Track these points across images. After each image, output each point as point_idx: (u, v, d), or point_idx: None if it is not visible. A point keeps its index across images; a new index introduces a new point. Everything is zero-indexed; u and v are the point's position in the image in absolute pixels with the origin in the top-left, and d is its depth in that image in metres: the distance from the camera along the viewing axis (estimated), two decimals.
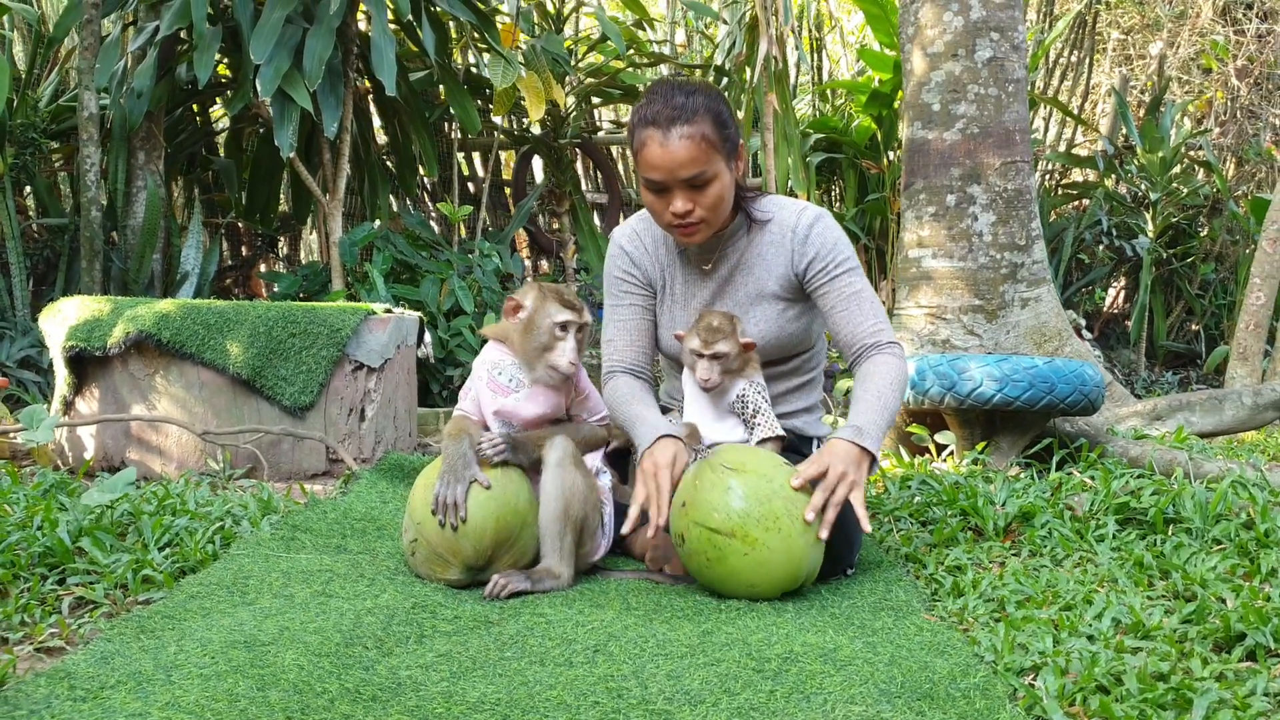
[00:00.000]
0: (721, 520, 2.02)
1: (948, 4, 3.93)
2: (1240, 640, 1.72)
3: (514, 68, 5.35)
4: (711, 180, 2.29)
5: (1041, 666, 1.65)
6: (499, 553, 2.12)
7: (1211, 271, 7.72)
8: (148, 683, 1.50)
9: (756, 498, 2.03)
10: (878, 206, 7.09)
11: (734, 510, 2.02)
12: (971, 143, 3.89)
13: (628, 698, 1.53)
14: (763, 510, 2.02)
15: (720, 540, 2.02)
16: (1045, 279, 3.96)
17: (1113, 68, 9.55)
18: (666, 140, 2.24)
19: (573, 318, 2.19)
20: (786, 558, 2.03)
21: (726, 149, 2.30)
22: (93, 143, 4.79)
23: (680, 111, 2.25)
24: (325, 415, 3.43)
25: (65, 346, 3.37)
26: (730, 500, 2.03)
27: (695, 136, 2.24)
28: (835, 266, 2.39)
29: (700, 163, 2.26)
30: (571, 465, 2.18)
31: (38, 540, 2.19)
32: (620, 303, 2.56)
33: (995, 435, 3.35)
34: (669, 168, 2.26)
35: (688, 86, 2.31)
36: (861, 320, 2.37)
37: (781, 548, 2.02)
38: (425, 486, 2.16)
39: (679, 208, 2.29)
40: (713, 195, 2.30)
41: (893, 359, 2.34)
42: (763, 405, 2.34)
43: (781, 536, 2.02)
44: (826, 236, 2.41)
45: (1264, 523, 2.35)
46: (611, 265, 2.58)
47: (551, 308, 2.19)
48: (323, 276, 5.33)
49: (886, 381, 2.29)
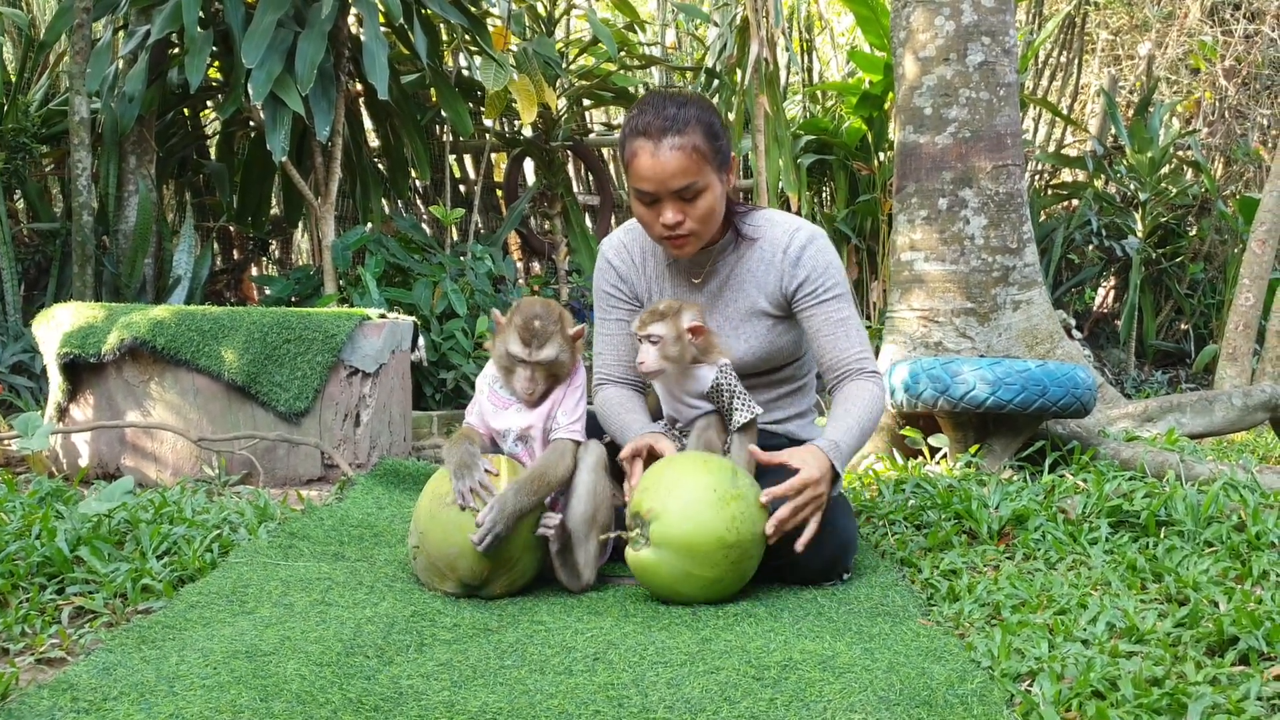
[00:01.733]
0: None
1: (939, 8, 3.94)
2: (1233, 644, 1.74)
3: (505, 70, 5.35)
4: (702, 191, 2.29)
5: (1038, 672, 1.66)
6: (495, 575, 2.11)
7: (1200, 271, 7.76)
8: (150, 694, 1.51)
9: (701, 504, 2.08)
10: (868, 208, 7.11)
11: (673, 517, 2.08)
12: (963, 146, 3.91)
13: (628, 706, 1.54)
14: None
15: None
16: (1037, 281, 3.98)
17: (1101, 68, 9.59)
18: (657, 151, 2.25)
19: (522, 354, 2.17)
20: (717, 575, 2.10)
21: (717, 160, 2.31)
22: (84, 147, 4.78)
23: (671, 122, 2.25)
24: (320, 421, 3.43)
25: (60, 353, 3.37)
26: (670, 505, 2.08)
27: (686, 147, 2.25)
28: (825, 291, 2.40)
29: (691, 174, 2.26)
30: (603, 471, 2.22)
31: (36, 549, 2.20)
32: (608, 316, 2.58)
33: (988, 438, 3.37)
34: (660, 178, 2.26)
35: (679, 98, 2.32)
36: (847, 346, 2.39)
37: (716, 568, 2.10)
38: (433, 496, 2.15)
39: (669, 219, 2.30)
40: (703, 207, 2.30)
41: (875, 388, 2.38)
42: (737, 388, 2.35)
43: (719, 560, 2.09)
44: (819, 260, 2.41)
45: (1255, 525, 2.37)
46: (599, 279, 2.59)
47: (510, 337, 2.19)
48: (315, 280, 5.33)
49: (867, 409, 2.33)
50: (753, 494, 2.12)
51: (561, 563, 2.18)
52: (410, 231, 5.77)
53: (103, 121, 5.10)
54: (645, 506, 2.10)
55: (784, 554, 2.16)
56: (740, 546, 2.07)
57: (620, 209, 7.83)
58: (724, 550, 2.06)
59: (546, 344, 2.18)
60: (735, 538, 2.06)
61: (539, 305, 2.22)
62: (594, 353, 2.61)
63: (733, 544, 2.06)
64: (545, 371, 2.20)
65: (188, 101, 5.72)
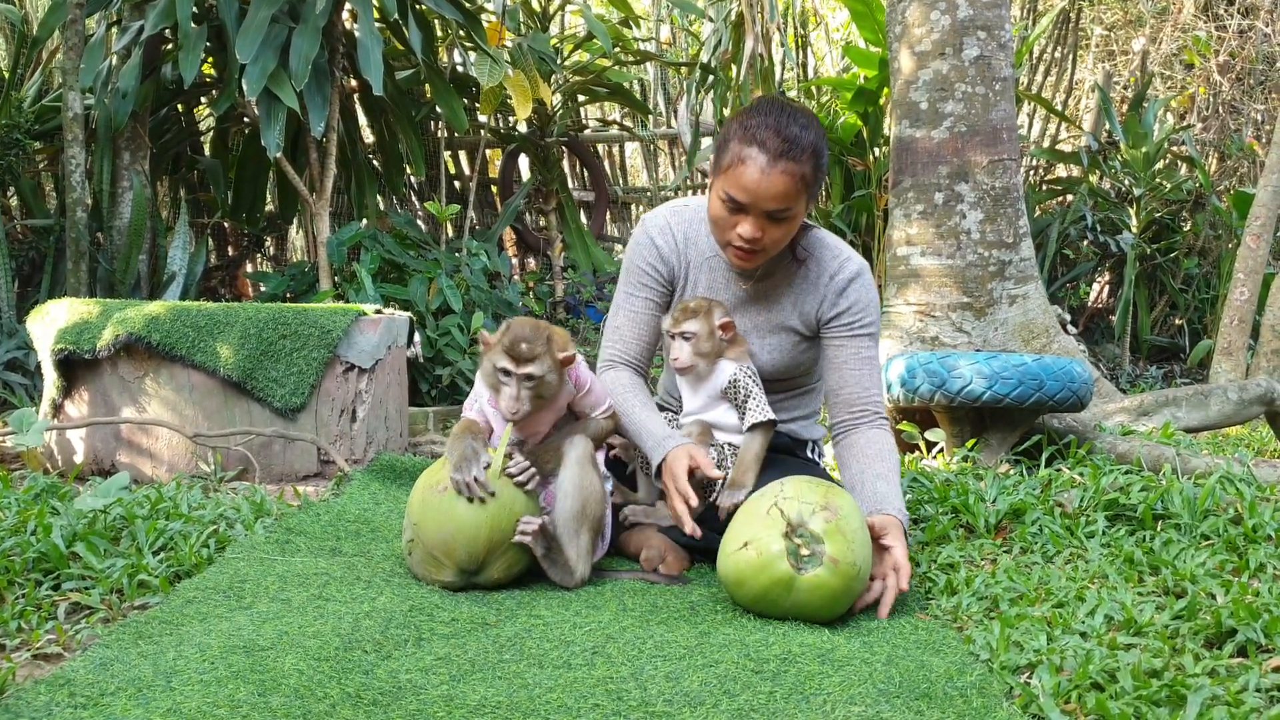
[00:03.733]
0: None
1: (935, 3, 3.94)
2: (1231, 636, 1.74)
3: (500, 66, 5.34)
4: (791, 218, 2.28)
5: (1036, 664, 1.66)
6: (492, 558, 2.12)
7: (1194, 266, 7.77)
8: (148, 689, 1.50)
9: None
10: (864, 203, 7.11)
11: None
12: (959, 141, 3.91)
13: (627, 699, 1.54)
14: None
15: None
16: (1033, 276, 3.98)
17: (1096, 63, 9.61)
18: (769, 169, 2.20)
19: (510, 367, 2.15)
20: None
21: (812, 191, 2.29)
22: (78, 143, 4.76)
23: (791, 145, 2.21)
24: (316, 417, 3.42)
25: (54, 349, 3.36)
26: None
27: (795, 175, 2.22)
28: (861, 327, 2.44)
29: (790, 200, 2.24)
30: (590, 464, 2.21)
31: (32, 545, 2.19)
32: (636, 293, 2.54)
33: (984, 432, 3.37)
34: (760, 196, 2.22)
35: (802, 118, 2.26)
36: (870, 386, 2.43)
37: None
38: (425, 487, 2.15)
39: (748, 233, 2.27)
40: (784, 230, 2.30)
41: (890, 436, 2.43)
42: (754, 389, 2.37)
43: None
44: (864, 296, 2.44)
45: (1251, 518, 2.37)
46: (636, 254, 2.54)
47: (496, 353, 2.17)
48: (310, 276, 5.32)
49: (896, 464, 2.37)
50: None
51: (550, 564, 2.17)
52: (405, 227, 5.76)
53: (96, 117, 5.08)
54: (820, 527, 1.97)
55: None
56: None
57: (615, 205, 7.83)
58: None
59: (533, 361, 2.16)
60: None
61: (528, 325, 2.21)
62: (611, 325, 2.57)
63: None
64: (532, 391, 2.18)
65: (182, 97, 5.71)
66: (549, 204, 7.14)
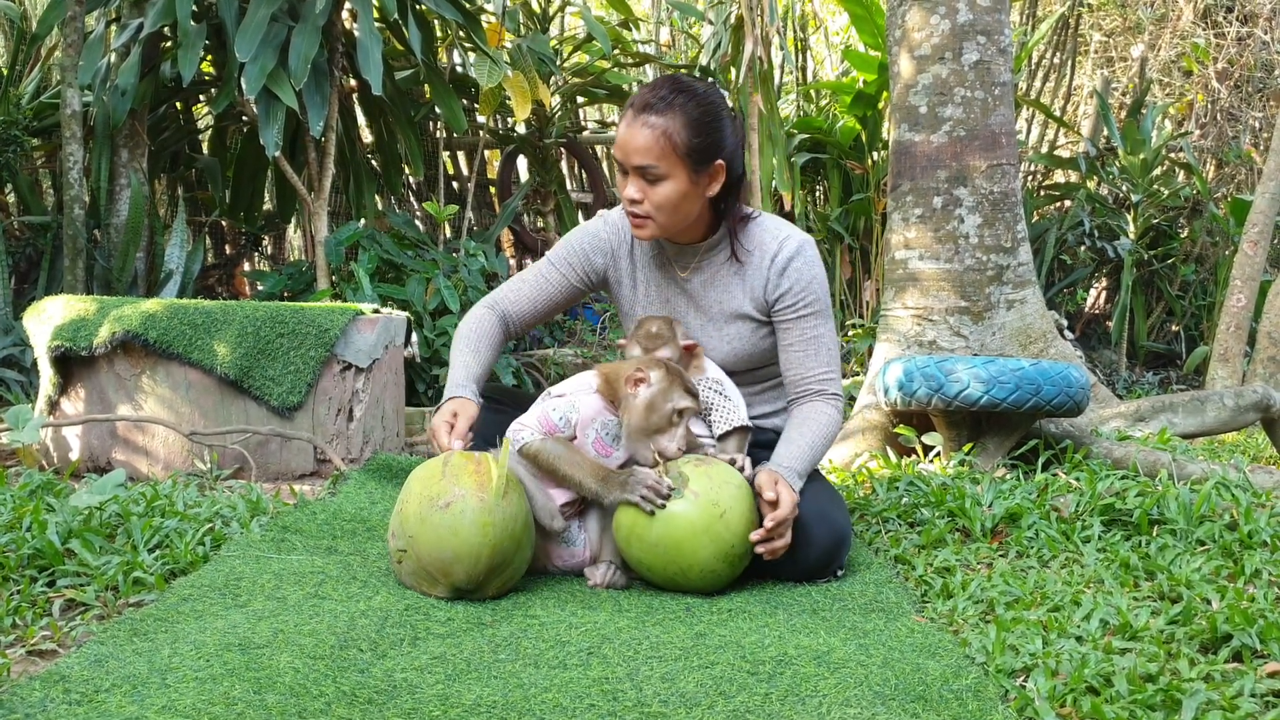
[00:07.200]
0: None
1: (935, 7, 3.94)
2: (1226, 641, 1.74)
3: (500, 67, 5.34)
4: (663, 179, 2.27)
5: (1032, 668, 1.66)
6: (490, 578, 2.05)
7: (1191, 272, 7.79)
8: (143, 686, 1.50)
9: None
10: (862, 206, 7.12)
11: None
12: (958, 145, 3.91)
13: (623, 700, 1.54)
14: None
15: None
16: (1031, 280, 3.98)
17: (1095, 70, 9.62)
18: (633, 123, 2.26)
19: (691, 405, 2.19)
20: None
21: (693, 157, 2.27)
22: (76, 140, 4.76)
23: (658, 102, 2.25)
24: (313, 415, 3.42)
25: (50, 346, 3.35)
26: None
27: (658, 129, 2.24)
28: (804, 306, 2.40)
29: (651, 155, 2.25)
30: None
31: (27, 542, 2.18)
32: (557, 265, 2.54)
33: (981, 437, 3.37)
34: (624, 149, 2.28)
35: (683, 84, 2.29)
36: (814, 365, 2.41)
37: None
38: (424, 499, 2.05)
39: (630, 193, 2.30)
40: (662, 195, 2.29)
41: (834, 411, 2.40)
42: (717, 401, 2.36)
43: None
44: (803, 274, 2.41)
45: (1247, 524, 2.38)
46: (577, 234, 2.57)
47: (676, 393, 2.18)
48: (308, 275, 5.31)
49: (822, 434, 2.35)
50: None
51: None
52: (403, 228, 5.76)
53: (94, 115, 5.08)
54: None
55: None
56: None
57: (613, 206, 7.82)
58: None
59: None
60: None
61: (673, 356, 2.31)
62: (515, 277, 2.58)
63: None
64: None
65: (180, 95, 5.70)
66: (547, 205, 7.14)
